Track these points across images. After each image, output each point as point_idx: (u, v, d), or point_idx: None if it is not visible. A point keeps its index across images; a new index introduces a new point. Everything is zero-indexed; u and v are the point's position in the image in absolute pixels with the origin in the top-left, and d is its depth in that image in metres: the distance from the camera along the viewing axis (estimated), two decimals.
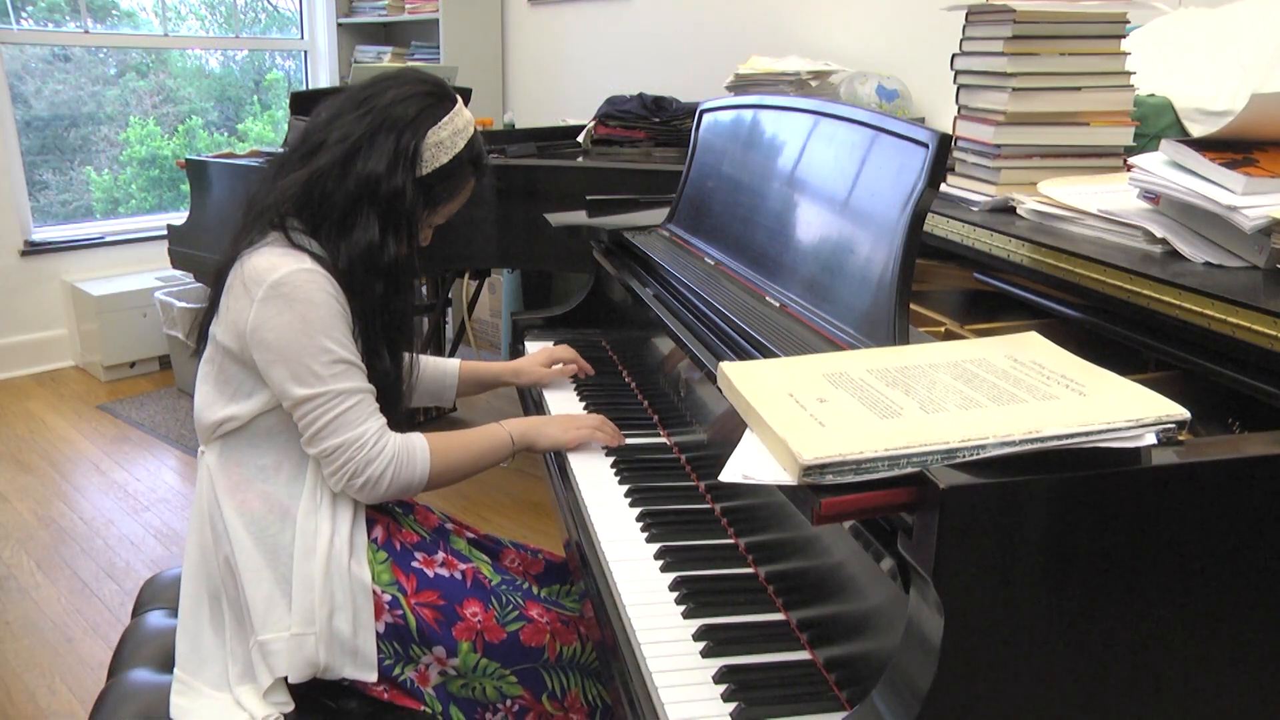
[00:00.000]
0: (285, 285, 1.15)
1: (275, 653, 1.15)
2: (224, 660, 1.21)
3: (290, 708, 1.16)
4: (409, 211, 1.24)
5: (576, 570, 1.21)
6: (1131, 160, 1.12)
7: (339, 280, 1.20)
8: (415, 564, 1.26)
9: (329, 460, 1.18)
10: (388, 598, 1.21)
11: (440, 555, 1.30)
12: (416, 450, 1.24)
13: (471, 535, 1.46)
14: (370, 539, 1.25)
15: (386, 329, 1.27)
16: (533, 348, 1.84)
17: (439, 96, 1.27)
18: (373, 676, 1.18)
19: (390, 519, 1.32)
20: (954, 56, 1.42)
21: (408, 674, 1.20)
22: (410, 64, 4.09)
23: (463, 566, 1.29)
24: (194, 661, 1.22)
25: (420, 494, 1.31)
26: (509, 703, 1.24)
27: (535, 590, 1.38)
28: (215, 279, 1.26)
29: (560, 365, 1.64)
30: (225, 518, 1.20)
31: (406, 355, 1.36)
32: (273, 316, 1.15)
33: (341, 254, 1.21)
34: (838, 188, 1.15)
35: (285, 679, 1.17)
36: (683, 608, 1.02)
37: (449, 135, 1.26)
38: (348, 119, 1.24)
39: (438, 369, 1.58)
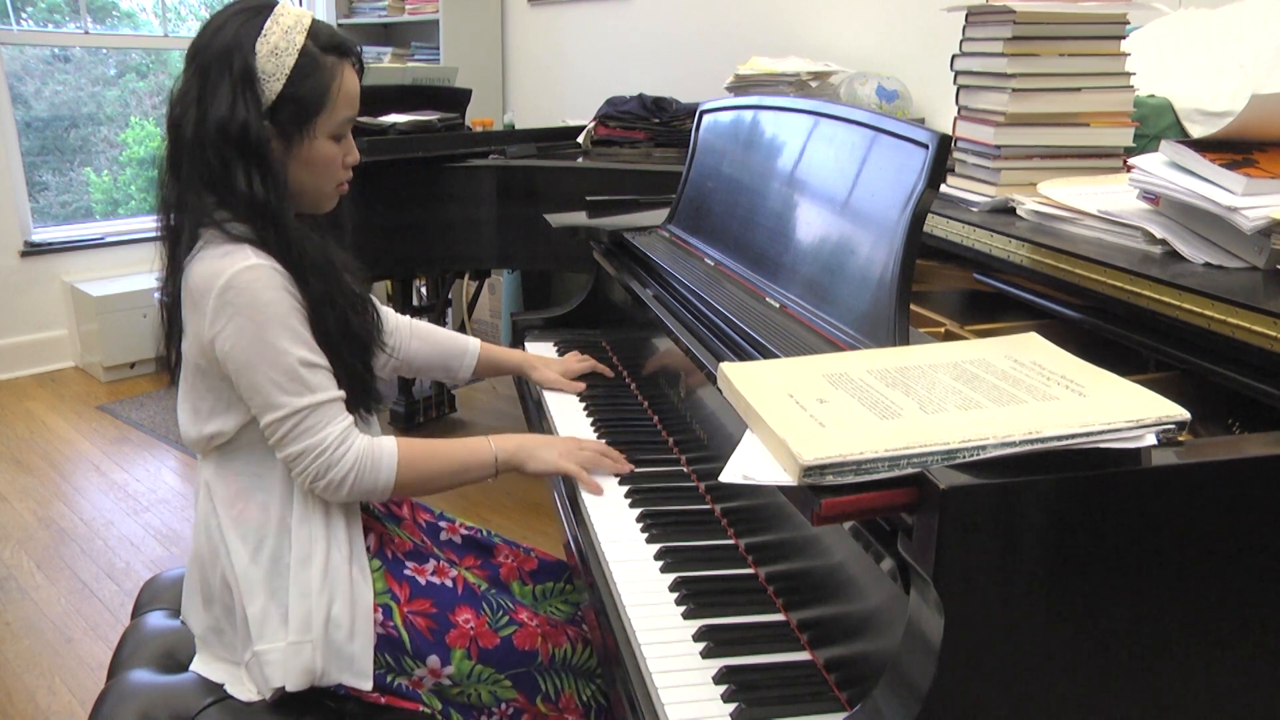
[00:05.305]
0: (230, 290, 1.10)
1: (272, 663, 1.15)
2: (230, 646, 1.23)
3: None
4: (285, 133, 1.16)
5: (576, 570, 1.21)
6: (1131, 161, 1.12)
7: (276, 256, 1.14)
8: (407, 572, 1.26)
9: (293, 464, 1.16)
10: (380, 606, 1.20)
11: (431, 564, 1.30)
12: (383, 457, 1.19)
13: (465, 533, 1.46)
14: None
15: (301, 279, 1.16)
16: (533, 349, 1.84)
17: (254, 10, 1.17)
18: (368, 685, 1.17)
19: (382, 526, 1.31)
20: (954, 57, 1.42)
21: (400, 682, 1.20)
22: (411, 65, 4.08)
23: (453, 574, 1.29)
24: (209, 638, 1.25)
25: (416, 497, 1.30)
26: (504, 706, 1.24)
27: (525, 590, 1.38)
28: (164, 298, 1.21)
29: (572, 377, 1.64)
30: (223, 531, 1.19)
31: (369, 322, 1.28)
32: (225, 325, 1.11)
33: (238, 217, 1.14)
34: (838, 188, 1.15)
35: None
36: (683, 608, 1.02)
37: (280, 36, 1.15)
38: (187, 81, 1.17)
39: (456, 344, 1.56)
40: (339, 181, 1.25)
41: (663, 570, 1.10)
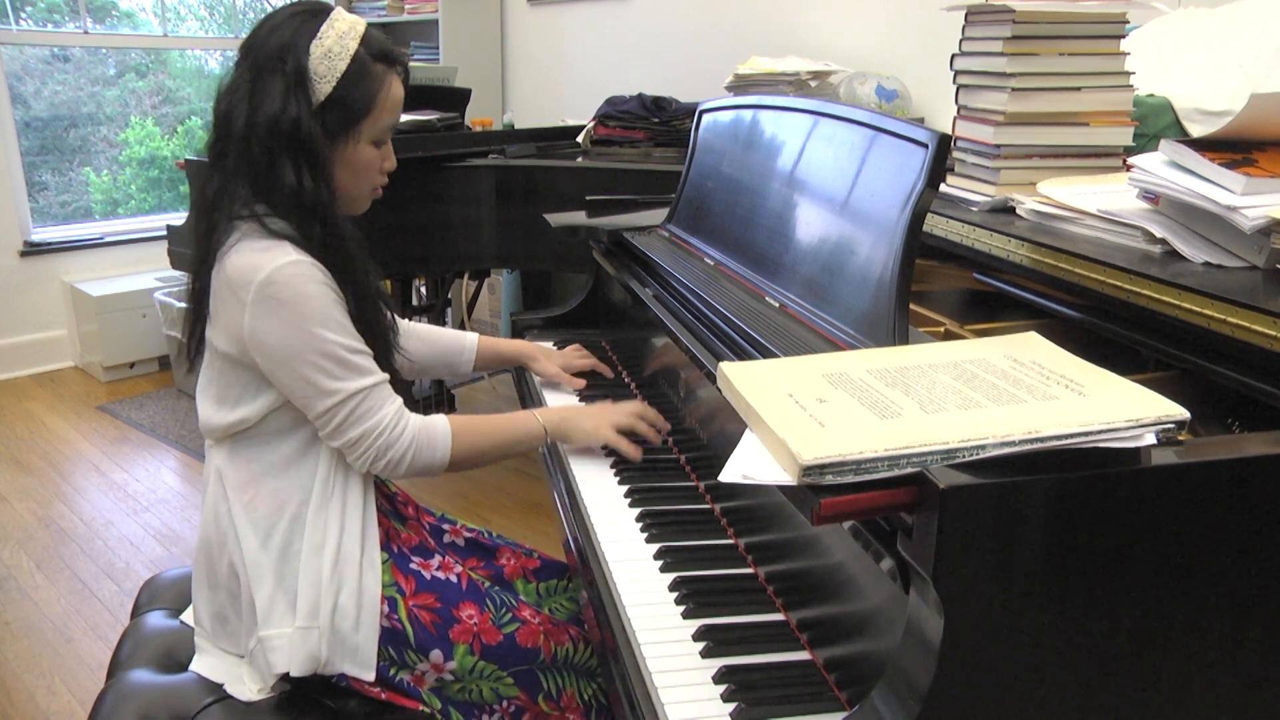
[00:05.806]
0: (273, 284, 1.12)
1: (277, 649, 1.16)
2: (234, 635, 1.23)
3: (286, 686, 1.18)
4: (330, 134, 1.19)
5: (575, 569, 1.21)
6: (1131, 160, 1.12)
7: (315, 254, 1.16)
8: (413, 566, 1.26)
9: (352, 449, 1.19)
10: (386, 599, 1.21)
11: (436, 559, 1.30)
12: (438, 433, 1.23)
13: (468, 535, 1.46)
14: None
15: (342, 273, 1.19)
16: None
17: (311, 13, 1.19)
18: (370, 676, 1.18)
19: (389, 522, 1.31)
20: (954, 57, 1.42)
21: (402, 676, 1.21)
22: (411, 64, 4.09)
23: (458, 569, 1.30)
24: (213, 627, 1.25)
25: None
26: (505, 704, 1.24)
27: (529, 588, 1.39)
28: (193, 286, 1.22)
29: (573, 373, 1.64)
30: (233, 517, 1.20)
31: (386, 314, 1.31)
32: (267, 318, 1.13)
33: (279, 212, 1.16)
34: (837, 188, 1.15)
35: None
36: (683, 608, 1.02)
37: (335, 40, 1.17)
38: (238, 76, 1.19)
39: (454, 340, 1.57)
40: (375, 186, 1.29)
41: (662, 570, 1.10)
